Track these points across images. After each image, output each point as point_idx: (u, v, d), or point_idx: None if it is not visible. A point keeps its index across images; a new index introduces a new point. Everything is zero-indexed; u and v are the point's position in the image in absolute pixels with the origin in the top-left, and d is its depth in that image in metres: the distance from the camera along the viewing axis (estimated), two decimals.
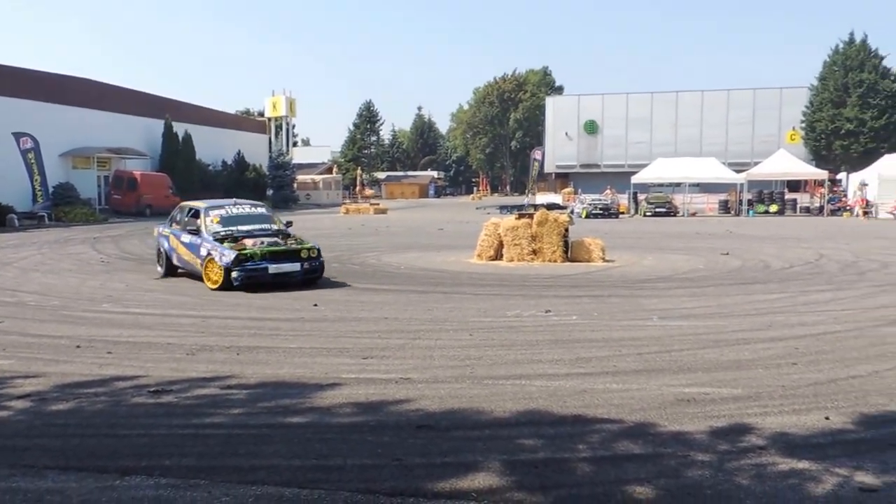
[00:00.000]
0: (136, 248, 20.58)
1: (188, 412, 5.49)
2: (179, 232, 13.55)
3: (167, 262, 13.94)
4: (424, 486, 4.03)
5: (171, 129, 45.12)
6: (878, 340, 7.84)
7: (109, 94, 42.70)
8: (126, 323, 9.28)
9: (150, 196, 39.40)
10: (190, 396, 5.91)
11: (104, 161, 41.13)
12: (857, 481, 4.05)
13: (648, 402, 5.58)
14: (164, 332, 8.57)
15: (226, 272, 11.97)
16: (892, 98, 53.36)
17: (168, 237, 13.94)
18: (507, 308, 10.14)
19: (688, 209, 43.37)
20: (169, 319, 9.53)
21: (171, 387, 6.15)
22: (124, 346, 7.87)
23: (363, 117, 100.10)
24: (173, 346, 7.77)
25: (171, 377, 6.49)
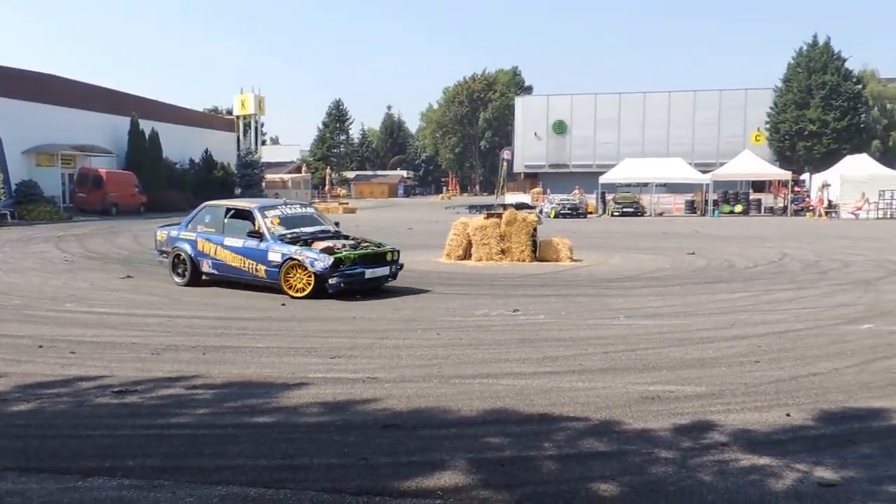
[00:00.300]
0: (101, 247, 20.24)
1: (153, 412, 5.43)
2: (218, 235, 12.12)
3: (193, 268, 12.37)
4: (390, 485, 4.03)
5: (137, 127, 44.32)
6: (838, 338, 8.00)
7: (74, 91, 41.88)
8: (90, 322, 9.14)
9: (116, 194, 38.73)
10: (155, 396, 5.84)
11: (69, 159, 40.35)
12: (817, 476, 4.13)
13: (614, 401, 5.64)
14: (129, 332, 8.46)
15: (318, 279, 10.93)
16: (854, 100, 54.49)
17: (195, 241, 12.39)
18: (476, 307, 10.17)
19: (655, 209, 43.87)
20: (134, 319, 9.40)
21: (135, 387, 6.07)
22: (88, 345, 7.75)
23: (332, 116, 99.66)
24: (138, 346, 7.66)
25: (135, 377, 6.40)
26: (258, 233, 11.64)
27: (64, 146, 39.09)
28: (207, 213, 12.76)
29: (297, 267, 11.13)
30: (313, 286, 10.97)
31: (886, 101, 65.65)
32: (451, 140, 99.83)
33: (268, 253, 11.45)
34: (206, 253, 12.25)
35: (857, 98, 55.45)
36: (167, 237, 13.03)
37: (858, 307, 10.15)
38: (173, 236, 12.88)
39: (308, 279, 11.05)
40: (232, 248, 11.89)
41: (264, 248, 11.50)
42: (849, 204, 38.16)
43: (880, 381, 6.21)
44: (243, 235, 11.78)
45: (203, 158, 51.36)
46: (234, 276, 12.02)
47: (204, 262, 12.28)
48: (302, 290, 11.08)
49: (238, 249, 11.80)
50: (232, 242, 11.91)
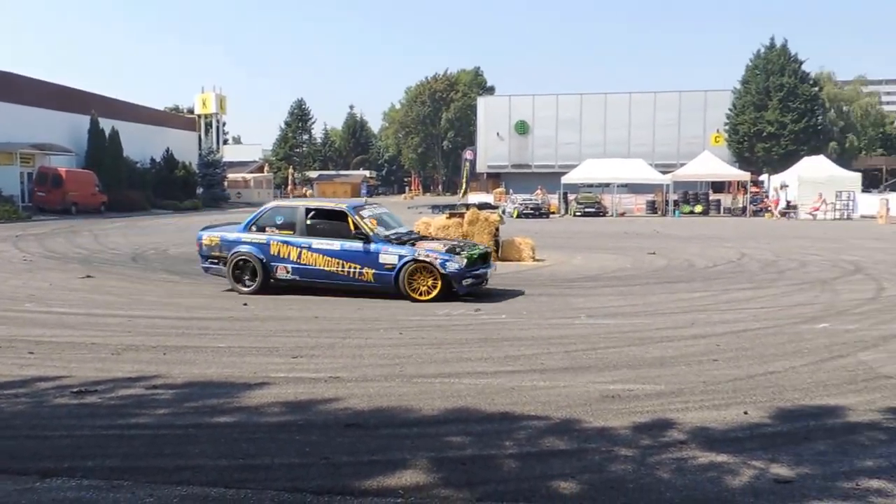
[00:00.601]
0: (61, 247, 19.80)
1: (113, 412, 5.36)
2: (300, 238, 11.29)
3: (265, 274, 11.39)
4: (352, 484, 4.03)
5: (97, 126, 43.53)
6: (795, 337, 8.17)
7: (32, 89, 40.95)
8: (49, 322, 8.96)
9: (76, 193, 38.08)
10: (115, 397, 5.76)
11: (27, 157, 39.42)
12: (773, 473, 4.20)
13: (575, 399, 5.69)
14: (89, 332, 8.32)
15: (447, 280, 10.60)
16: (811, 102, 55.67)
17: (266, 245, 11.42)
18: (438, 307, 10.18)
19: (616, 209, 44.36)
20: (94, 319, 9.25)
21: (95, 387, 5.98)
22: (47, 346, 7.60)
23: (295, 115, 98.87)
24: (98, 346, 7.54)
25: (95, 377, 6.30)
26: (362, 234, 11.01)
27: (23, 145, 38.23)
28: (278, 215, 11.79)
29: (422, 269, 10.72)
30: (440, 289, 10.61)
31: (842, 104, 67.35)
32: (414, 140, 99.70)
33: (378, 255, 10.87)
34: (283, 257, 11.32)
35: (814, 100, 56.68)
36: (220, 241, 11.71)
37: (815, 306, 10.36)
38: (231, 240, 11.63)
39: (434, 281, 10.67)
40: (325, 251, 11.12)
41: (374, 250, 10.89)
42: (806, 205, 38.96)
43: (835, 380, 6.35)
44: (337, 237, 11.13)
45: (164, 157, 50.68)
46: (324, 281, 11.21)
47: (279, 266, 11.33)
48: (427, 293, 10.67)
49: (335, 252, 11.06)
50: (324, 245, 11.14)
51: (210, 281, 12.73)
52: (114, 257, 17.26)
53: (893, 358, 7.14)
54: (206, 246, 11.89)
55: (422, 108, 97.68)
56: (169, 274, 14.00)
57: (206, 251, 11.91)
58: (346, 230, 11.20)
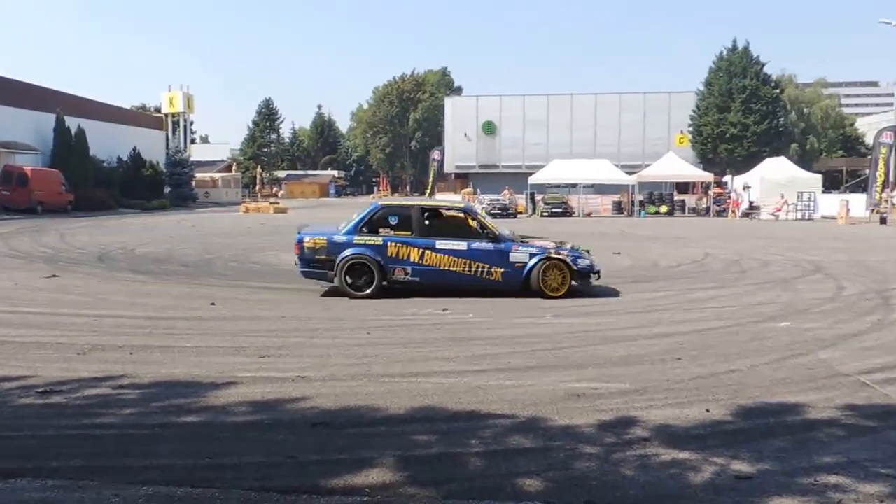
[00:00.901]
0: (26, 246, 19.39)
1: (78, 412, 5.30)
2: (421, 239, 11.11)
3: (381, 276, 11.00)
4: (318, 482, 4.04)
5: (63, 124, 42.75)
6: (756, 336, 8.31)
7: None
8: (13, 322, 8.79)
9: (42, 192, 37.35)
10: (80, 397, 5.69)
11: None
12: (734, 470, 4.28)
13: (540, 398, 5.75)
14: (55, 332, 8.18)
15: (578, 276, 11.02)
16: (772, 104, 56.63)
17: (383, 246, 11.03)
18: (405, 307, 10.20)
19: (583, 210, 44.69)
20: (60, 318, 9.09)
21: (60, 387, 5.90)
22: (11, 345, 7.46)
23: (263, 115, 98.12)
24: (64, 346, 7.43)
25: (60, 377, 6.22)
26: (492, 234, 11.18)
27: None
28: (391, 215, 11.42)
29: (553, 266, 11.00)
30: (569, 285, 11.00)
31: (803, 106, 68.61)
32: (382, 140, 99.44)
33: (509, 254, 11.05)
34: (402, 259, 11.02)
35: (776, 102, 57.66)
36: (328, 244, 11.09)
37: (776, 306, 10.53)
38: (340, 242, 11.09)
39: (563, 278, 11.00)
40: (451, 251, 11.03)
41: (504, 248, 11.07)
42: (769, 205, 39.60)
43: (796, 377, 6.47)
44: (462, 237, 11.19)
45: (131, 156, 50.00)
46: (448, 282, 11.08)
47: (398, 268, 11.02)
48: (557, 289, 10.97)
49: (462, 253, 11.02)
50: (449, 245, 11.06)
51: (178, 281, 12.65)
52: (80, 257, 16.94)
53: (852, 356, 7.30)
54: (310, 249, 11.14)
55: (390, 108, 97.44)
56: (136, 274, 13.81)
57: (309, 254, 11.16)
58: (467, 230, 11.39)
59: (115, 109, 55.69)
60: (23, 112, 41.23)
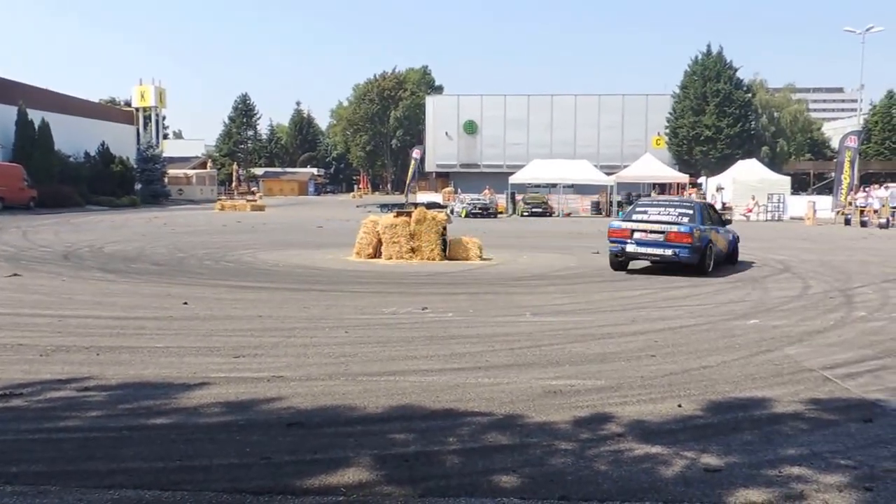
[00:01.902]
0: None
1: (40, 416, 5.15)
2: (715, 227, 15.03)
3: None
4: (293, 483, 3.98)
5: (25, 117, 41.73)
6: (727, 333, 8.43)
7: None
8: None
9: (3, 188, 36.28)
10: (42, 399, 5.53)
11: None
12: (703, 463, 4.35)
13: (518, 395, 5.75)
14: (15, 332, 7.95)
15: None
16: (744, 107, 57.47)
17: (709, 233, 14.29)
18: (384, 305, 10.15)
19: (563, 210, 44.89)
20: (21, 319, 8.84)
21: (20, 390, 5.73)
22: None
23: (239, 111, 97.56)
24: (25, 348, 7.23)
25: (21, 380, 6.03)
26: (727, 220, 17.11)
27: None
28: (699, 211, 14.68)
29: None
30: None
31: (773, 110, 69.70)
32: (363, 138, 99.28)
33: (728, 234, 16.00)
34: (714, 242, 14.55)
35: (748, 106, 58.57)
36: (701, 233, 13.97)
37: (746, 303, 10.69)
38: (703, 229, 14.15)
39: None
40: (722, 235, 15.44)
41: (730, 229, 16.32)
42: (740, 206, 40.15)
43: (763, 373, 6.59)
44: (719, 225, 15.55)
45: (99, 151, 49.08)
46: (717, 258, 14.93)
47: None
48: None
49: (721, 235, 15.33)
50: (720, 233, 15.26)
51: (148, 280, 12.47)
52: (44, 255, 16.54)
53: (816, 352, 7.47)
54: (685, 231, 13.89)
55: (370, 105, 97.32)
56: (104, 273, 13.54)
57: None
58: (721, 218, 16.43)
59: (82, 102, 54.75)
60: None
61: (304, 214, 41.00)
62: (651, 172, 46.31)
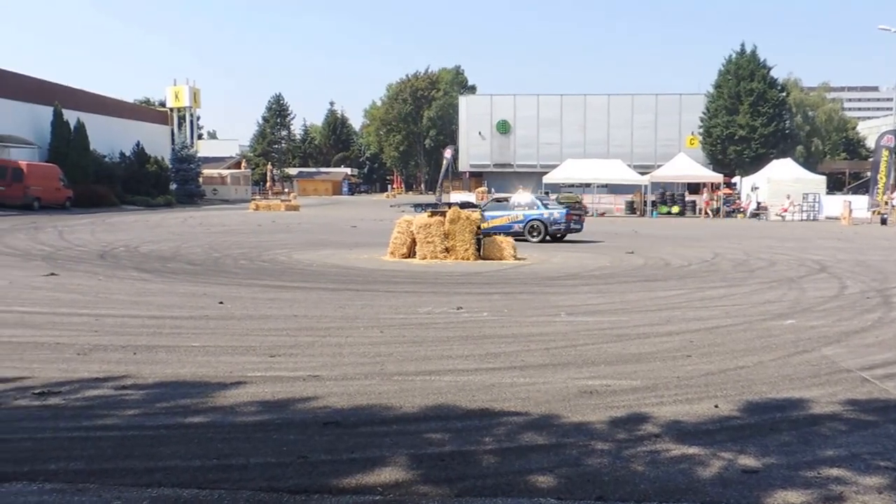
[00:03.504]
0: (22, 244, 19.21)
1: (78, 414, 5.19)
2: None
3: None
4: (329, 482, 3.98)
5: (61, 117, 42.05)
6: (763, 333, 8.29)
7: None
8: (9, 322, 8.61)
9: (39, 188, 36.68)
10: (80, 398, 5.58)
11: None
12: (741, 464, 4.27)
13: (553, 395, 5.70)
14: (53, 332, 8.04)
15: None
16: (779, 106, 56.58)
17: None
18: (419, 305, 10.15)
19: (596, 209, 44.59)
20: (58, 318, 8.93)
21: (59, 388, 5.78)
22: (6, 346, 7.31)
23: (273, 111, 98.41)
24: (63, 346, 7.29)
25: (59, 378, 6.09)
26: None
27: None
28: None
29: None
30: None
31: (808, 109, 68.63)
32: (396, 138, 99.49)
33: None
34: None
35: (782, 105, 57.72)
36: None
37: (783, 303, 10.53)
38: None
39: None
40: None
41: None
42: (776, 206, 39.61)
43: (801, 373, 6.48)
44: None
45: (134, 152, 49.44)
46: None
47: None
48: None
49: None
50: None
51: (184, 279, 12.62)
52: (80, 254, 16.76)
53: (854, 352, 7.33)
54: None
55: (403, 105, 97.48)
56: (140, 272, 13.68)
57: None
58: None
59: (117, 103, 55.38)
60: (19, 105, 40.70)
61: (338, 214, 41.24)
62: (685, 172, 45.83)
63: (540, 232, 22.32)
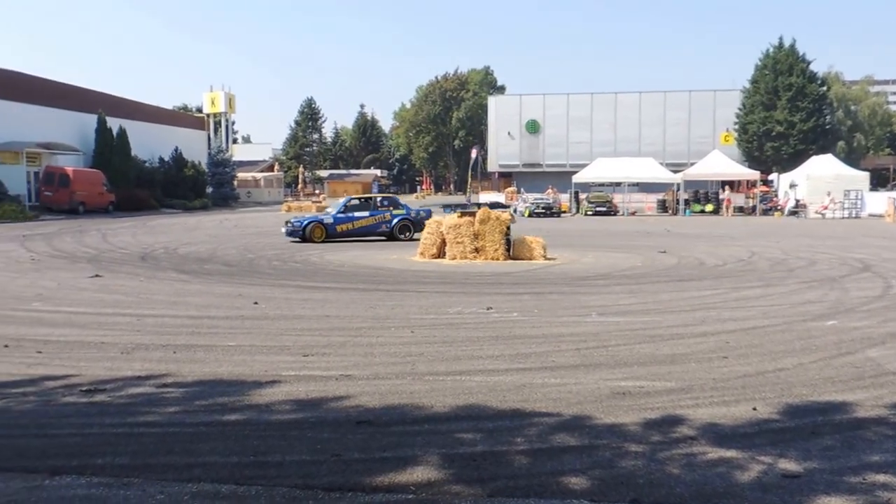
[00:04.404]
0: (69, 246, 19.90)
1: (122, 411, 5.36)
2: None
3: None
4: (363, 480, 4.03)
5: (104, 124, 43.58)
6: (803, 334, 8.13)
7: (39, 88, 41.15)
8: (57, 322, 8.99)
9: (84, 193, 38.07)
10: (124, 395, 5.77)
11: (34, 156, 39.62)
12: (781, 468, 4.20)
13: (585, 396, 5.69)
14: (98, 331, 8.34)
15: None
16: (818, 101, 55.45)
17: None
18: (449, 305, 10.19)
19: (627, 208, 44.24)
20: (103, 318, 9.26)
21: (104, 386, 5.99)
22: (55, 345, 7.62)
23: (305, 115, 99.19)
24: (107, 345, 7.56)
25: (104, 376, 6.31)
26: None
27: (29, 144, 38.44)
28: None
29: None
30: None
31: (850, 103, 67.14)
32: (425, 139, 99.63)
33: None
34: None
35: (822, 100, 56.50)
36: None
37: (824, 304, 10.30)
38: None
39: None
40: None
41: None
42: (815, 203, 38.88)
43: (843, 376, 6.33)
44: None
45: (173, 157, 50.72)
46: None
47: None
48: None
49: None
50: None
51: (220, 280, 12.83)
52: (122, 257, 17.31)
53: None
54: None
55: (432, 107, 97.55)
56: (178, 273, 14.04)
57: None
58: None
59: (156, 110, 56.65)
60: (65, 113, 42.12)
61: None
62: (719, 170, 45.24)
63: (410, 230, 22.71)
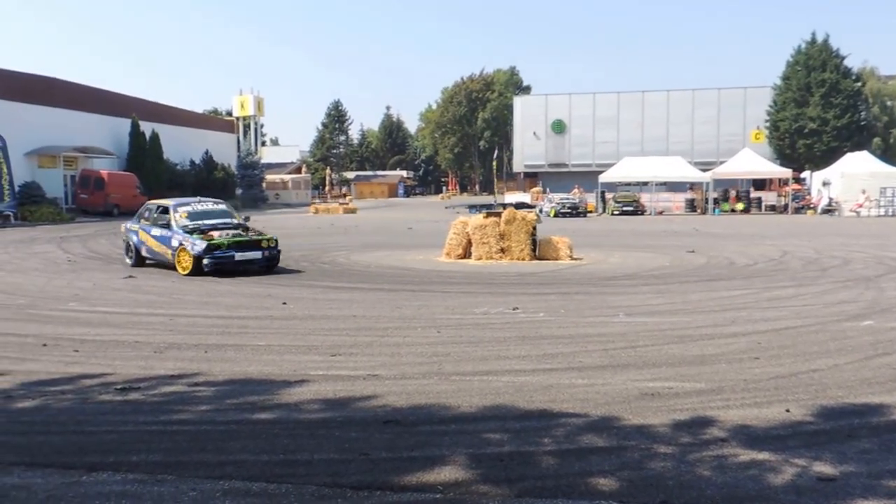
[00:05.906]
0: (104, 248, 20.27)
1: (156, 409, 5.46)
2: (149, 227, 14.91)
3: (137, 254, 15.30)
4: (391, 479, 4.06)
5: (137, 128, 44.47)
6: (838, 335, 8.00)
7: (75, 93, 41.96)
8: (93, 321, 9.18)
9: (118, 195, 38.78)
10: (157, 394, 5.87)
11: (71, 160, 40.40)
12: (816, 471, 4.13)
13: (613, 397, 5.66)
14: (132, 331, 8.50)
15: (196, 260, 13.47)
16: (853, 97, 54.42)
17: (137, 232, 15.27)
18: (475, 305, 10.19)
19: (655, 208, 43.85)
20: (136, 318, 9.43)
21: (138, 384, 6.11)
22: (91, 344, 7.79)
23: (332, 117, 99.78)
24: (141, 345, 7.71)
25: (138, 375, 6.43)
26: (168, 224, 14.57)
27: (66, 148, 39.19)
28: (146, 210, 15.65)
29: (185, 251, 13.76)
30: (193, 266, 13.53)
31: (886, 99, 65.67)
32: (451, 140, 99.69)
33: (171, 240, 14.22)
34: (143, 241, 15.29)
35: (857, 96, 55.42)
36: (124, 229, 15.84)
37: (859, 304, 10.13)
38: (127, 228, 15.72)
39: (190, 260, 13.58)
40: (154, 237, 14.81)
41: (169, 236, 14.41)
42: (849, 201, 38.21)
43: (880, 378, 6.21)
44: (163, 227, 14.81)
45: (203, 160, 51.53)
46: (158, 260, 14.99)
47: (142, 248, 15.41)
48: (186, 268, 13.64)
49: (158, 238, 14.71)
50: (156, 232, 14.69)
51: (249, 281, 12.95)
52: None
53: None
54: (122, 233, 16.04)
55: (458, 108, 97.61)
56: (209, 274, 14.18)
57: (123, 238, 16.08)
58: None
59: (187, 114, 57.39)
60: (100, 118, 43.02)
61: (394, 216, 41.58)
62: (750, 168, 44.59)
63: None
